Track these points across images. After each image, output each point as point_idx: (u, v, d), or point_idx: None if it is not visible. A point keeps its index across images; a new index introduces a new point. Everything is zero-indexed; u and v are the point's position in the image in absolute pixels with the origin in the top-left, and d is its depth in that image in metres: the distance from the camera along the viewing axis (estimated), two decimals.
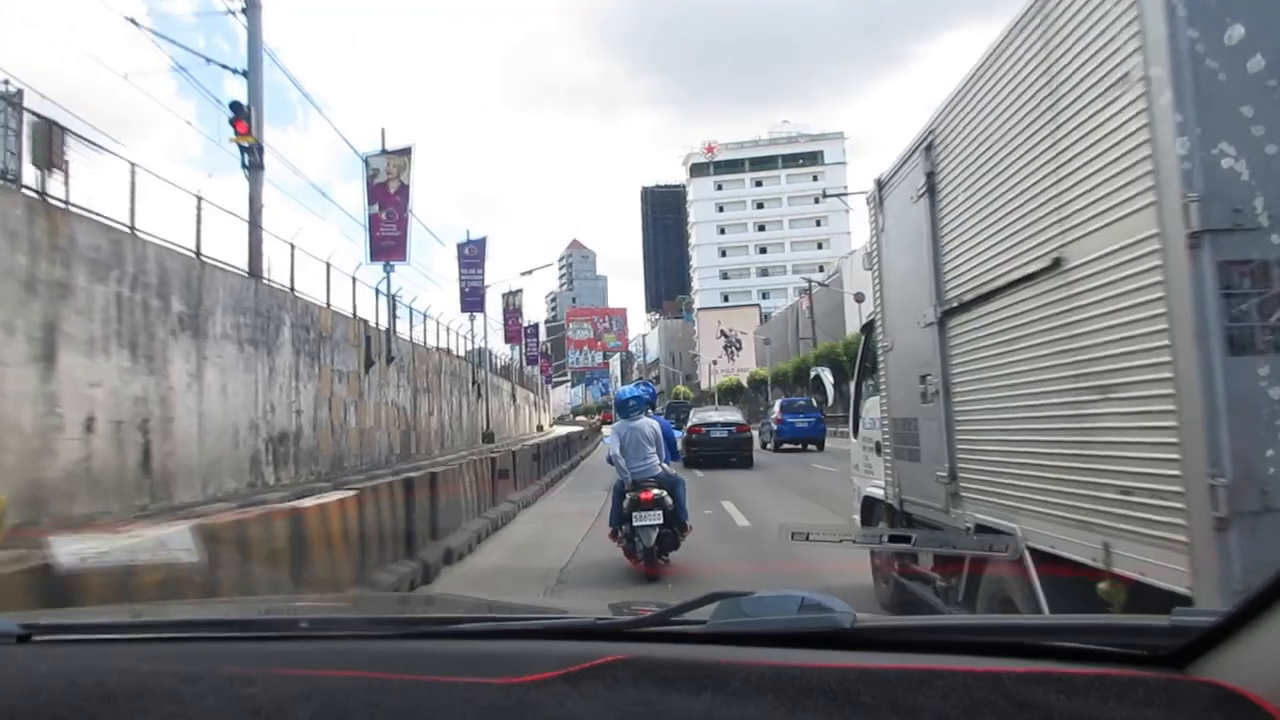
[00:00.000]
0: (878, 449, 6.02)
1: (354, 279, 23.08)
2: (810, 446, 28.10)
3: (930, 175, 4.72)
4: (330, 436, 19.42)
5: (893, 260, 5.75)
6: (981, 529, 4.00)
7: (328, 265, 20.95)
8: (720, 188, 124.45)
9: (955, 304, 4.40)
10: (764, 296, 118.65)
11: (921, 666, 1.06)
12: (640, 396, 8.75)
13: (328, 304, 20.39)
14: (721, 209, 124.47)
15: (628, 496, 8.11)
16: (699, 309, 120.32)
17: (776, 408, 30.39)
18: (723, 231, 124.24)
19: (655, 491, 8.04)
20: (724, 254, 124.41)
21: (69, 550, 3.31)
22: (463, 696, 1.03)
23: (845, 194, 41.33)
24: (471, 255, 33.03)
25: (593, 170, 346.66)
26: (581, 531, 10.93)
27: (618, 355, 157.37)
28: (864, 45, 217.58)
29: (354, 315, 22.26)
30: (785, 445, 28.22)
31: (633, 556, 8.12)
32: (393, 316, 24.71)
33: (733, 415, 24.28)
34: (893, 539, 3.88)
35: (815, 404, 25.75)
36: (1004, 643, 1.16)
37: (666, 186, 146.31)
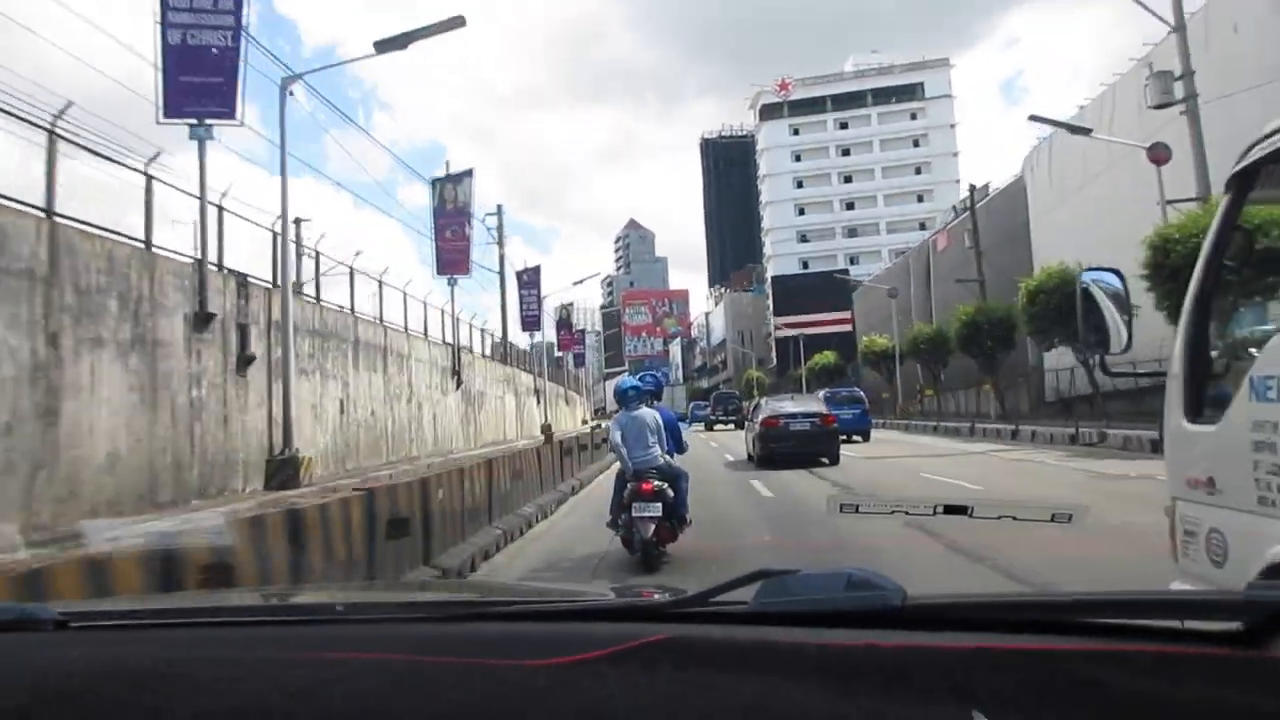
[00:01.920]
0: None
1: None
2: (855, 438, 25.95)
3: None
4: None
5: None
6: None
7: None
8: (797, 133, 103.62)
9: None
10: (852, 262, 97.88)
11: (976, 645, 1.01)
12: (638, 386, 8.58)
13: None
14: (799, 158, 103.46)
15: (628, 486, 8.04)
16: (772, 277, 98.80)
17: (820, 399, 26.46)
18: (800, 185, 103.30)
19: (656, 483, 7.92)
20: (802, 212, 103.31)
21: (103, 535, 3.58)
22: (503, 678, 1.02)
23: None
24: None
25: (651, 161, 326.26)
26: None
27: (679, 340, 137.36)
28: (934, 29, 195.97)
29: None
30: None
31: (630, 546, 8.02)
32: None
33: (813, 405, 19.82)
34: (948, 510, 2.59)
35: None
36: (1063, 620, 1.11)
37: (731, 136, 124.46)
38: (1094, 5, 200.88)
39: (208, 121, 12.36)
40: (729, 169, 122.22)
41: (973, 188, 35.69)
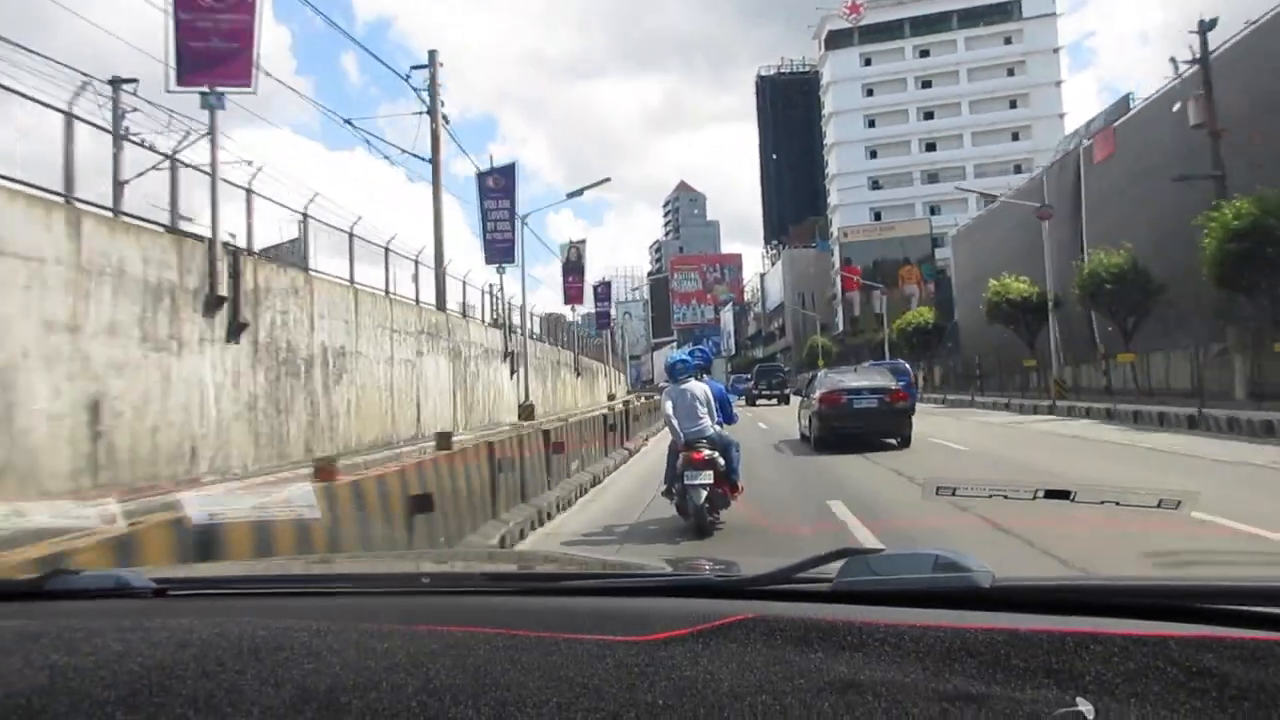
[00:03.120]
0: None
1: None
2: None
3: None
4: None
5: None
6: None
7: None
8: (869, 63, 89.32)
9: None
10: (932, 211, 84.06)
11: (1072, 629, 0.98)
12: (687, 361, 8.78)
13: None
14: (871, 93, 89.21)
15: (680, 456, 8.23)
16: (840, 229, 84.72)
17: None
18: (872, 124, 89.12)
19: (706, 452, 8.11)
20: (874, 155, 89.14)
21: (200, 507, 3.35)
22: (596, 654, 1.02)
23: None
24: None
25: (705, 129, 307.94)
26: None
27: (730, 306, 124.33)
28: None
29: None
30: None
31: (685, 513, 8.17)
32: None
33: (880, 378, 17.08)
34: (1049, 494, 2.10)
35: None
36: (1160, 605, 1.06)
37: (791, 73, 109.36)
38: None
39: None
40: (788, 110, 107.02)
41: (1203, 23, 21.63)
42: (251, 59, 11.01)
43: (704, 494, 7.88)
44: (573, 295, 39.23)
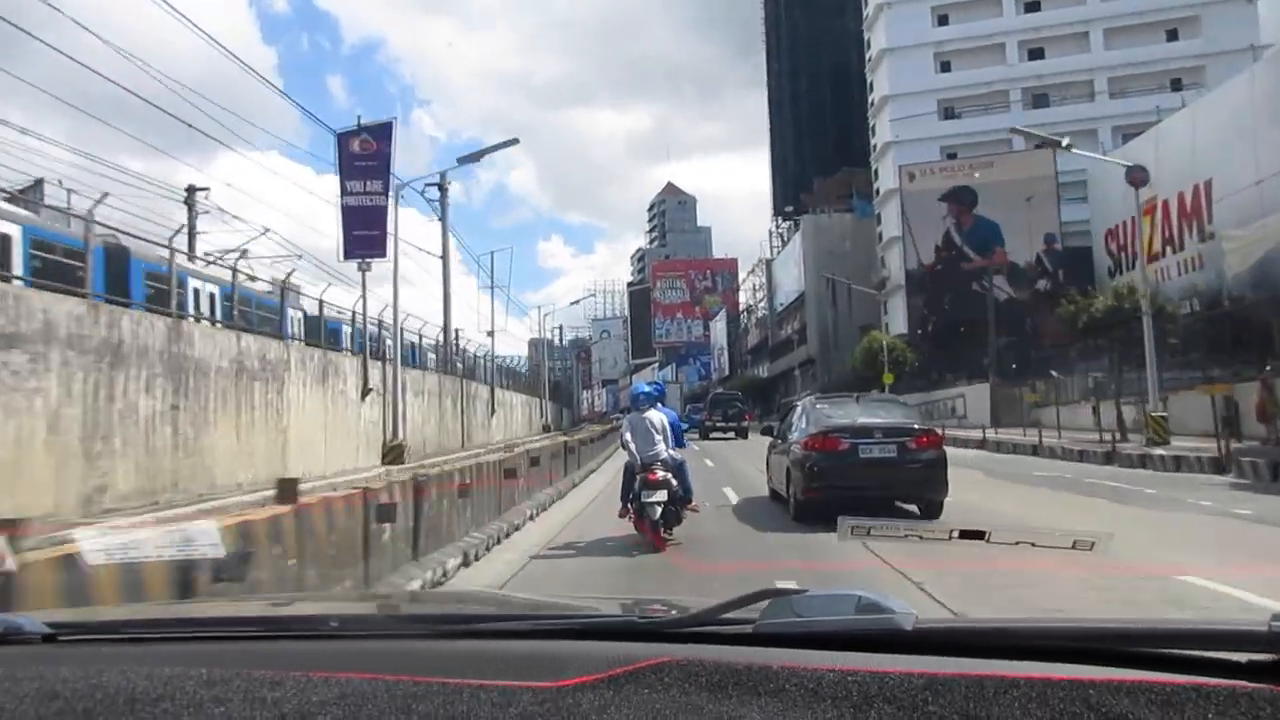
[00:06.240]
0: None
1: None
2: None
3: None
4: None
5: None
6: None
7: None
8: None
9: None
10: (1038, 149, 51.42)
11: (993, 673, 0.99)
12: (649, 393, 10.04)
13: None
14: None
15: (638, 477, 9.26)
16: (904, 169, 52.63)
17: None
18: (944, 21, 58.11)
19: (661, 474, 9.13)
20: (946, 67, 58.13)
21: (95, 545, 3.29)
22: (500, 702, 1.01)
23: None
24: None
25: (696, 155, 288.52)
26: None
27: (722, 312, 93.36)
28: None
29: None
30: None
31: (642, 527, 9.15)
32: None
33: (898, 415, 12.05)
34: (963, 534, 2.18)
35: None
36: (1082, 648, 1.08)
37: None
38: None
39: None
40: (809, 18, 74.81)
41: None
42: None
43: (659, 510, 8.98)
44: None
